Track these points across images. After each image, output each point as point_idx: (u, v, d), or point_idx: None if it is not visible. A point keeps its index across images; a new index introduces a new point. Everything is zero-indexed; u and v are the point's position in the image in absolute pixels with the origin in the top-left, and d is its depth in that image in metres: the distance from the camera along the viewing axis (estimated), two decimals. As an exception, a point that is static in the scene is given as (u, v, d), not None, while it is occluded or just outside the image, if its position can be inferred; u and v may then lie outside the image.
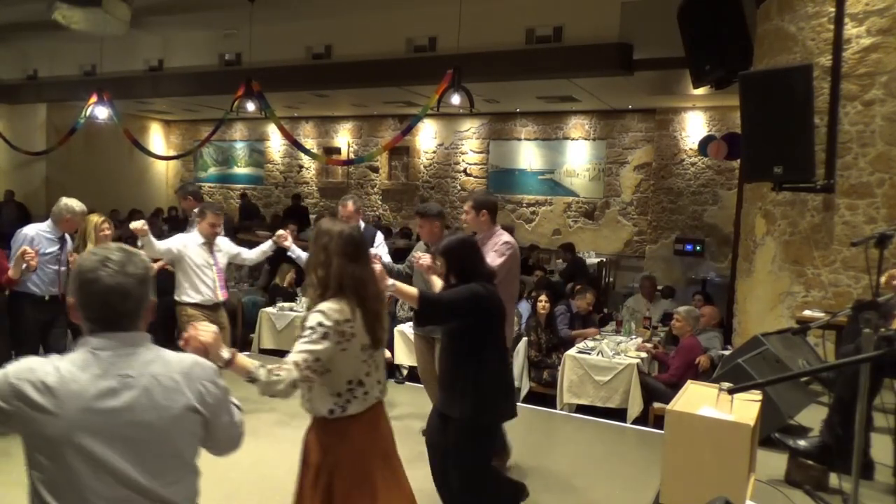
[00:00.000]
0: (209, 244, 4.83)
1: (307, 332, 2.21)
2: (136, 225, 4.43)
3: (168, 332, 4.90)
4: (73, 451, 1.44)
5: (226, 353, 2.00)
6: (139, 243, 4.47)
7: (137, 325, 1.57)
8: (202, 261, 4.78)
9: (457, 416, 3.04)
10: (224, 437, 1.70)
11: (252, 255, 5.12)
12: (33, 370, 1.46)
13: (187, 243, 4.79)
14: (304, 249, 5.21)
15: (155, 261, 5.15)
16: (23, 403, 1.43)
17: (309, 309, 2.29)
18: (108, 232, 4.71)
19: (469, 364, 3.03)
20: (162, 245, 4.66)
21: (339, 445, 2.30)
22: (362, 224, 5.10)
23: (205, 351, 1.91)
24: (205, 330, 1.95)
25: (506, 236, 4.09)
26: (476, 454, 3.12)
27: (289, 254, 4.98)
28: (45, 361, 1.49)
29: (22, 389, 1.43)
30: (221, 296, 4.86)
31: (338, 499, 2.27)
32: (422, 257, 3.72)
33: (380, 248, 4.93)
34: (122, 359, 1.51)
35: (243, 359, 2.08)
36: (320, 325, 2.20)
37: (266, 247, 5.05)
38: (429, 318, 3.32)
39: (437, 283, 3.47)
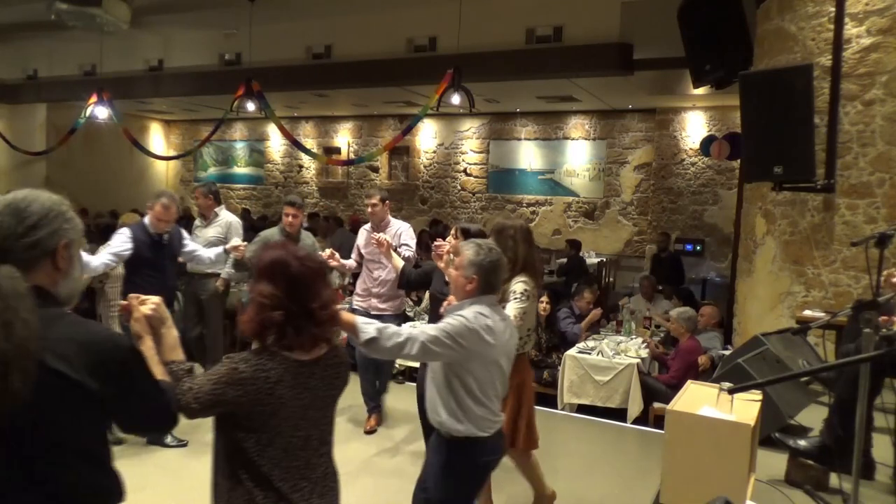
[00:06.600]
0: None
1: (518, 295, 3.26)
2: None
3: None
4: (493, 365, 2.48)
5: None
6: None
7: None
8: None
9: None
10: None
11: None
12: (478, 317, 2.41)
13: None
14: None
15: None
16: (478, 339, 2.38)
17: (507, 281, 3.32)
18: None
19: None
20: None
21: (518, 372, 3.23)
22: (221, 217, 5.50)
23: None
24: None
25: (405, 224, 5.04)
26: None
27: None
28: (479, 310, 2.44)
29: (478, 330, 2.38)
30: None
31: (519, 407, 3.43)
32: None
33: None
34: (497, 310, 2.54)
35: None
36: (526, 290, 3.29)
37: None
38: None
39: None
